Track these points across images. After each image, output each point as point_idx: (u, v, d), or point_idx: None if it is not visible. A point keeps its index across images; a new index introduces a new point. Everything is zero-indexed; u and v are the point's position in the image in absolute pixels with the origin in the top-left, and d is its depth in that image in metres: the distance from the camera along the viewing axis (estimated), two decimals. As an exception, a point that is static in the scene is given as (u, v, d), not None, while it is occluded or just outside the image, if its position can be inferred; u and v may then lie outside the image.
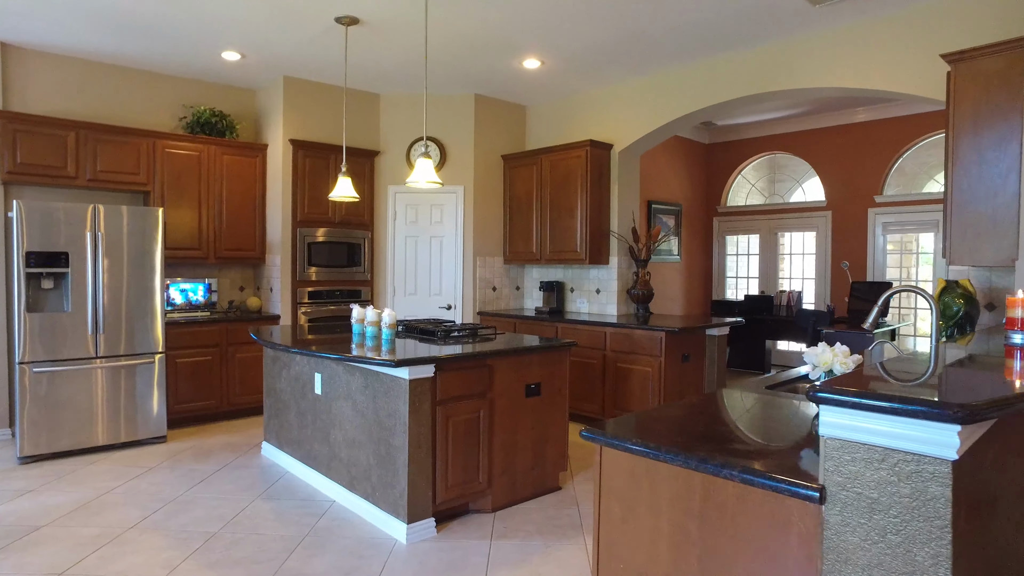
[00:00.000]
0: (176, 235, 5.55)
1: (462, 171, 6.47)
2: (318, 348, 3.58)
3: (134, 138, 5.32)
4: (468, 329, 4.23)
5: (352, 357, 3.25)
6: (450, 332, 4.13)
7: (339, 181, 4.55)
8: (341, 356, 3.31)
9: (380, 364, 3.10)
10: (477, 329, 4.28)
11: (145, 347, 4.88)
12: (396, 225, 6.53)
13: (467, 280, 6.47)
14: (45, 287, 4.55)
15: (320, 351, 3.45)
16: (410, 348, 3.58)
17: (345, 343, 3.80)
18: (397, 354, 3.31)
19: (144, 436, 4.89)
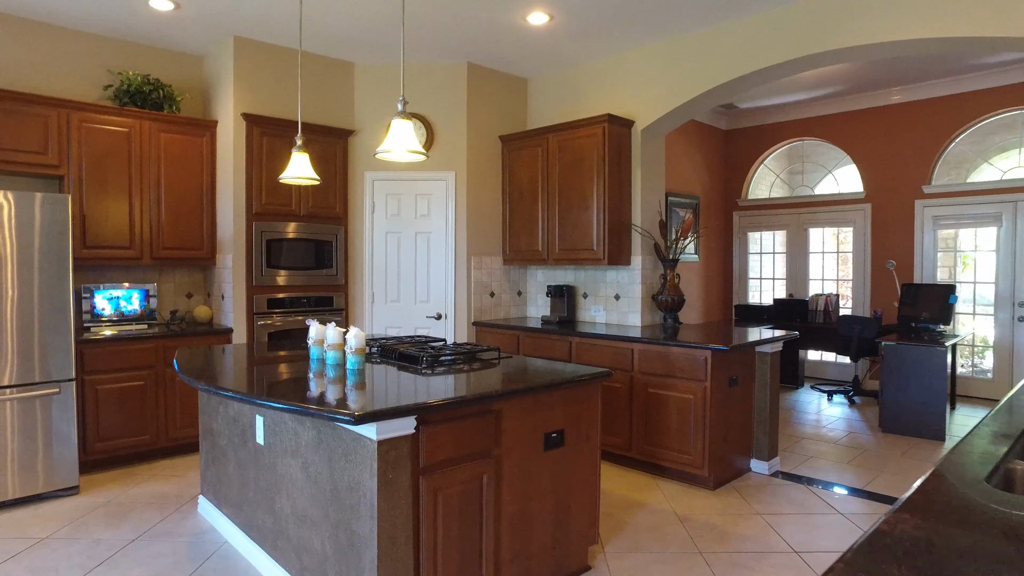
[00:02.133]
0: (100, 231, 4.47)
1: (453, 155, 5.42)
2: (245, 386, 2.52)
3: (40, 108, 4.23)
4: (464, 351, 3.20)
5: (290, 404, 2.20)
6: (439, 357, 3.09)
7: (292, 158, 3.49)
8: (273, 403, 2.25)
9: (333, 416, 2.06)
10: (475, 351, 3.24)
11: (48, 373, 3.80)
12: (375, 218, 5.47)
13: (460, 284, 5.44)
14: (-93, 298, 3.46)
15: (244, 392, 2.38)
16: (384, 384, 2.54)
17: (293, 377, 2.75)
18: (364, 396, 2.27)
19: (47, 488, 3.81)
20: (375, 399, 2.24)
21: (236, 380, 2.65)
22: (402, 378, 2.71)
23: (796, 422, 5.69)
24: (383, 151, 2.73)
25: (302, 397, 2.28)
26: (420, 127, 5.37)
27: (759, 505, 3.73)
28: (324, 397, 2.29)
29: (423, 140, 5.38)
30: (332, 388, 2.47)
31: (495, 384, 2.58)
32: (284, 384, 2.56)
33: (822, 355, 7.83)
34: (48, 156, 4.27)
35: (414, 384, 2.57)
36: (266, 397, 2.29)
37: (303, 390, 2.42)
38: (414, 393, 2.37)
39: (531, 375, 2.80)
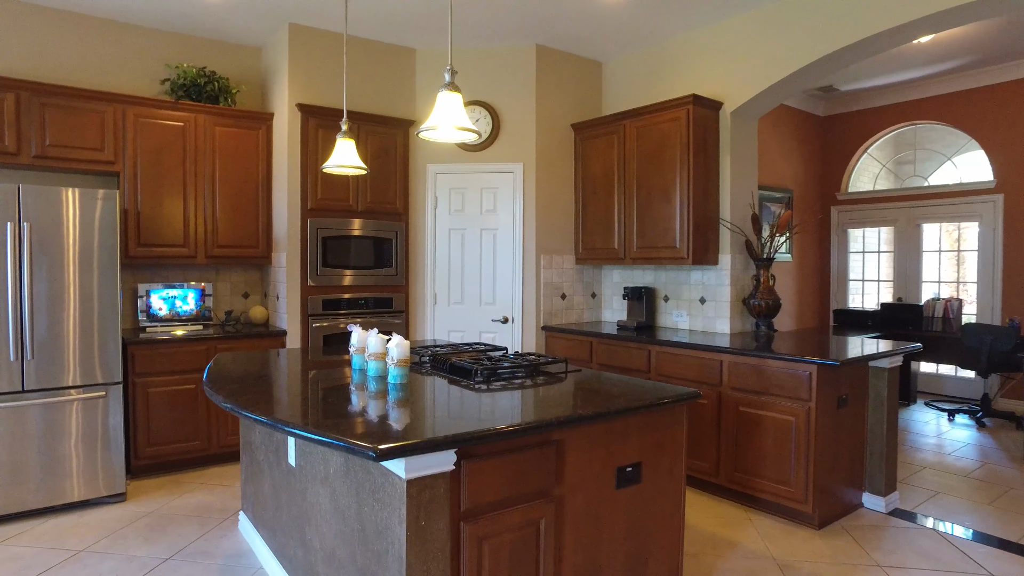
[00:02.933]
0: (155, 228, 4.33)
1: (520, 145, 5.00)
2: (263, 401, 2.17)
3: (96, 103, 4.12)
4: (526, 363, 2.76)
5: (302, 429, 1.83)
6: (496, 370, 2.67)
7: (337, 145, 3.16)
8: (286, 425, 1.88)
9: (351, 448, 1.67)
10: (539, 363, 2.80)
11: (96, 376, 3.65)
12: (437, 214, 5.13)
13: (528, 285, 5.01)
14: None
15: (255, 411, 2.02)
16: (427, 403, 2.14)
17: (327, 390, 2.39)
18: (399, 419, 1.88)
19: (94, 495, 3.66)
20: (411, 424, 1.84)
21: (258, 394, 2.32)
22: (451, 395, 2.31)
23: (913, 447, 4.91)
24: (427, 128, 2.33)
25: (323, 418, 1.91)
26: (485, 115, 4.98)
27: (879, 554, 3.10)
28: (349, 420, 1.90)
29: (488, 130, 4.99)
30: (365, 406, 2.09)
31: (558, 407, 2.13)
32: (313, 399, 2.20)
33: (938, 368, 6.90)
34: (104, 152, 4.16)
35: (462, 403, 2.16)
36: (281, 417, 1.93)
37: (331, 408, 2.05)
38: (460, 416, 1.95)
39: (603, 395, 2.33)
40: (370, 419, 1.93)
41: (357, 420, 1.91)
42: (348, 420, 1.91)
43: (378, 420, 1.92)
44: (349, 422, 1.88)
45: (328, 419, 1.92)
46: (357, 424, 1.86)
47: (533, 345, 5.01)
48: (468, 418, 1.94)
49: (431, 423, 1.87)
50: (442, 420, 1.91)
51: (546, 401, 2.23)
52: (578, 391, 2.41)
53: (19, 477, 3.46)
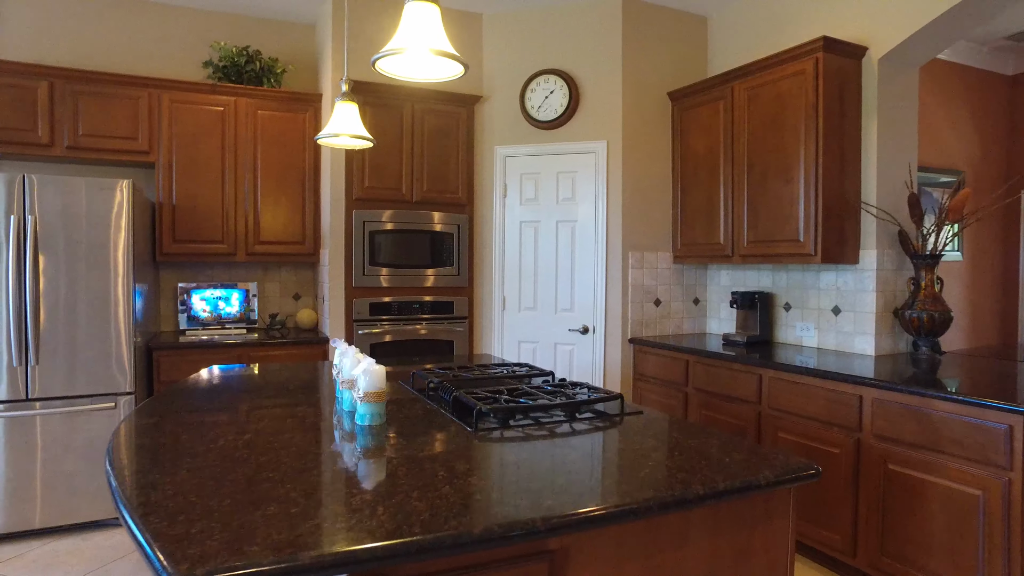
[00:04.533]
0: (190, 223, 3.96)
1: (604, 119, 4.14)
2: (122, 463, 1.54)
3: (130, 88, 3.80)
4: (566, 397, 1.95)
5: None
6: (512, 408, 1.88)
7: (335, 111, 2.51)
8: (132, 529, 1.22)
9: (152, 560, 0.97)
10: (585, 400, 1.97)
11: (105, 385, 3.29)
12: (507, 204, 4.40)
13: (613, 289, 4.14)
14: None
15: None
16: (380, 466, 1.40)
17: (255, 435, 1.73)
18: (274, 507, 1.16)
19: (104, 515, 3.30)
20: (287, 523, 1.11)
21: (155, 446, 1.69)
22: (428, 450, 1.56)
23: None
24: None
25: (145, 494, 1.23)
26: (560, 86, 4.17)
27: None
28: (165, 508, 1.21)
29: (563, 103, 4.17)
30: (257, 474, 1.39)
31: (569, 486, 1.31)
32: (197, 450, 1.54)
33: None
34: (138, 141, 3.83)
35: (433, 470, 1.40)
36: (131, 503, 1.27)
37: (200, 468, 1.37)
38: (403, 500, 1.20)
39: (653, 462, 1.47)
40: (232, 504, 1.22)
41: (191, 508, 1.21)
42: (164, 508, 1.21)
43: (249, 505, 1.21)
44: (163, 513, 1.18)
45: (146, 497, 1.23)
46: (181, 520, 1.16)
47: (618, 361, 4.13)
48: (408, 510, 1.18)
49: (329, 522, 1.13)
50: (360, 514, 1.16)
51: (566, 468, 1.41)
52: (624, 451, 1.56)
53: (24, 493, 3.15)
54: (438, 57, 1.58)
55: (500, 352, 4.42)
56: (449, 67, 1.63)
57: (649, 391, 4.01)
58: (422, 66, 1.64)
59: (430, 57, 1.60)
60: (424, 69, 1.66)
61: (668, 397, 3.85)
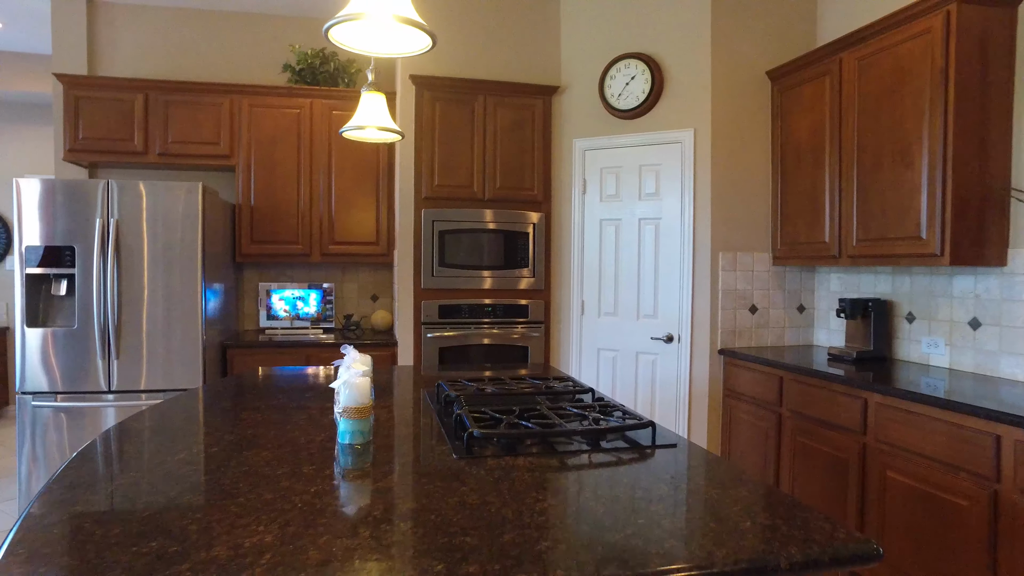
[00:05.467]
0: (268, 224, 4.04)
1: (691, 105, 3.71)
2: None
3: (213, 95, 3.94)
4: (587, 424, 1.65)
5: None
6: (517, 432, 1.61)
7: (360, 102, 2.36)
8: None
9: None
10: (611, 428, 1.65)
11: (175, 380, 3.40)
12: (586, 201, 4.09)
13: (701, 293, 3.70)
14: (56, 293, 3.34)
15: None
16: (291, 514, 1.21)
17: (222, 461, 1.59)
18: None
19: (175, 510, 3.41)
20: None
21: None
22: (384, 481, 1.34)
23: None
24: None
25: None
26: (642, 71, 3.79)
27: None
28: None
29: (645, 89, 3.79)
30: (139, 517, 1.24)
31: (508, 551, 1.03)
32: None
33: None
34: (220, 146, 3.97)
35: (368, 510, 1.18)
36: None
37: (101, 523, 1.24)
38: (296, 552, 0.99)
39: (645, 521, 1.15)
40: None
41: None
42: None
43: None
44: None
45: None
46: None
47: (706, 374, 3.68)
48: (294, 565, 0.97)
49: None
50: (238, 563, 0.96)
51: (522, 519, 1.13)
52: (620, 499, 1.25)
53: (105, 483, 3.32)
54: (403, 26, 1.35)
55: (578, 361, 4.12)
56: (415, 39, 1.40)
57: (740, 411, 3.53)
58: (384, 38, 1.42)
59: (394, 27, 1.37)
60: (386, 42, 1.44)
61: (760, 419, 3.36)
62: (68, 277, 3.31)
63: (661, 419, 3.84)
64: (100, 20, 4.10)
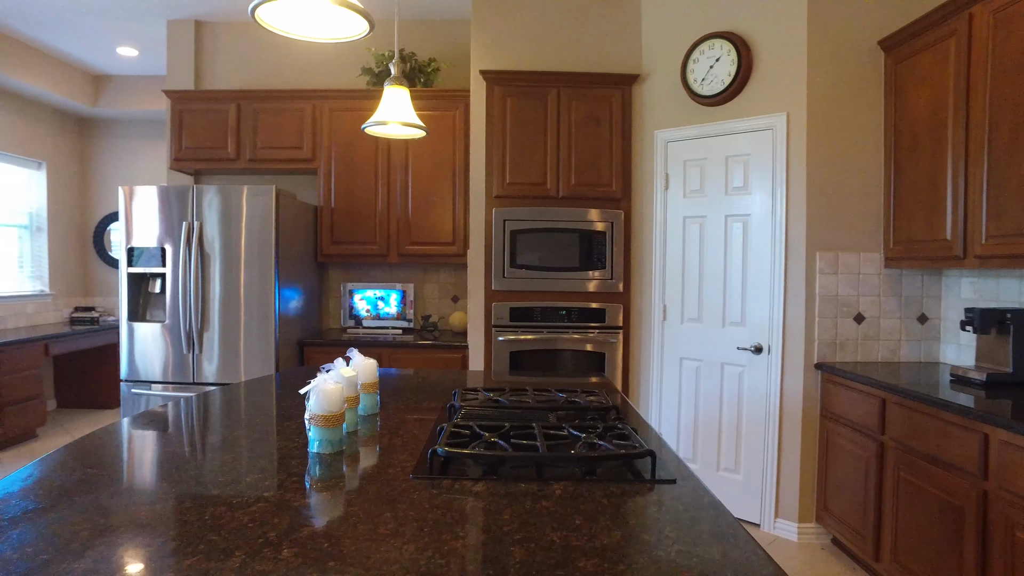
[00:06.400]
0: (347, 225, 4.13)
1: (783, 86, 3.28)
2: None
3: (296, 102, 4.10)
4: (584, 448, 1.45)
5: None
6: (498, 453, 1.44)
7: (384, 96, 2.28)
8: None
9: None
10: (608, 454, 1.44)
11: (254, 374, 3.56)
12: (668, 197, 3.77)
13: (794, 299, 3.26)
14: (152, 291, 3.63)
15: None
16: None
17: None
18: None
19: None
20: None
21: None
22: (297, 507, 1.23)
23: None
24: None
25: None
26: (728, 52, 3.41)
27: None
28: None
29: (732, 71, 3.40)
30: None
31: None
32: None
33: None
34: (303, 150, 4.12)
35: (262, 531, 1.08)
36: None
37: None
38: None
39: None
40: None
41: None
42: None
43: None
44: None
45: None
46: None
47: (799, 391, 3.24)
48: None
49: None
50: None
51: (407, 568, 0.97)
52: (568, 556, 1.04)
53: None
54: (338, 8, 1.23)
55: (659, 371, 3.81)
56: (351, 23, 1.28)
57: (839, 436, 3.06)
58: (318, 22, 1.31)
59: (328, 10, 1.26)
60: (321, 26, 1.32)
61: (859, 447, 2.88)
62: (161, 276, 3.58)
63: (748, 439, 3.44)
64: (206, 39, 4.42)
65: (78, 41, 4.72)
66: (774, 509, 3.33)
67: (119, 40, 4.72)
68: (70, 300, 5.69)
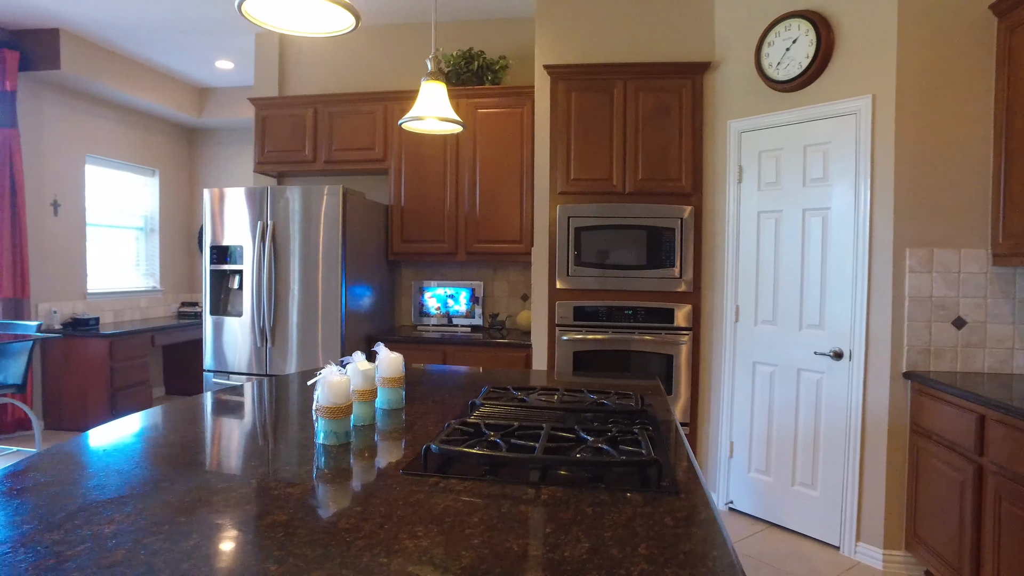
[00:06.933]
0: (417, 224, 4.20)
1: (869, 65, 2.98)
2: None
3: (368, 104, 4.22)
4: (589, 453, 1.38)
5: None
6: (483, 457, 1.39)
7: (421, 89, 2.27)
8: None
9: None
10: (607, 462, 1.35)
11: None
12: (742, 191, 3.54)
13: (879, 299, 2.95)
14: (231, 286, 3.86)
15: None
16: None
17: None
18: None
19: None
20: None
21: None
22: (281, 496, 1.24)
23: None
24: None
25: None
26: (807, 32, 3.14)
27: None
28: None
29: (810, 53, 3.13)
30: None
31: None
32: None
33: None
34: (375, 151, 4.23)
35: (188, 532, 1.10)
36: None
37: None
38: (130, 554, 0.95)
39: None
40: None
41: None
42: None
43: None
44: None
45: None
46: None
47: (885, 403, 2.93)
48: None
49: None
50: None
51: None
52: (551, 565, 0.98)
53: (265, 456, 3.75)
54: (325, 4, 1.23)
55: (730, 375, 3.58)
56: (340, 18, 1.27)
57: (930, 454, 2.73)
58: (306, 16, 1.30)
59: (316, 5, 1.26)
60: (309, 20, 1.32)
61: (953, 468, 2.55)
62: (239, 272, 3.79)
63: (826, 453, 3.15)
64: (289, 48, 4.65)
65: (182, 57, 5.13)
66: (855, 532, 3.03)
67: (217, 55, 5.07)
68: (178, 296, 6.20)
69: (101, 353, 4.67)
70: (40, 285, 4.84)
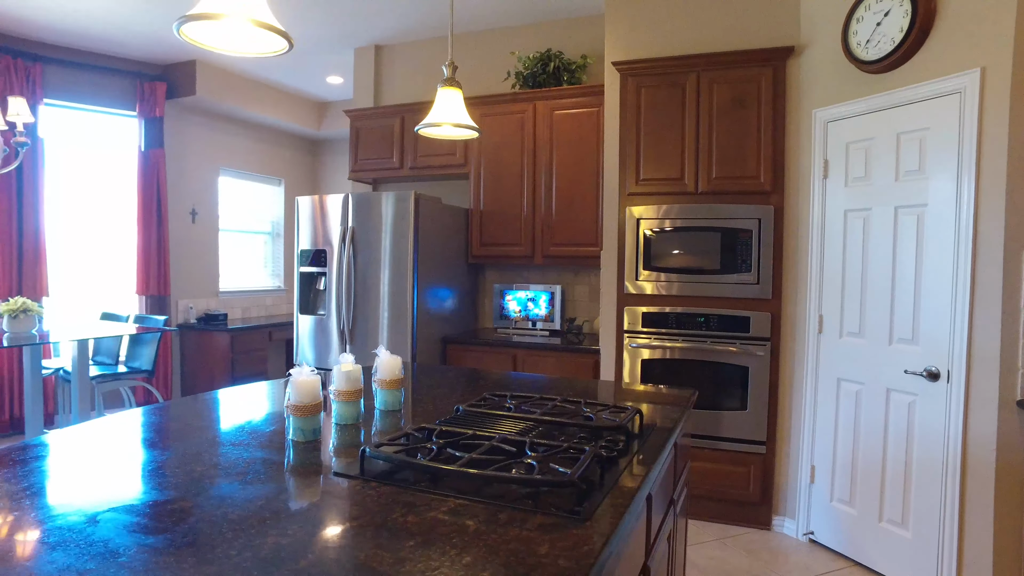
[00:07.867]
0: (495, 227, 4.24)
1: (976, 34, 2.54)
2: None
3: (450, 110, 4.32)
4: (521, 469, 1.34)
5: None
6: (428, 470, 1.38)
7: (437, 96, 2.28)
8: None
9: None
10: (527, 479, 1.30)
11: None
12: (827, 188, 3.18)
13: (985, 310, 2.51)
14: (317, 288, 4.14)
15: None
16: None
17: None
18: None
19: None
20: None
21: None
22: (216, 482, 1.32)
23: None
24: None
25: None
26: (900, 3, 2.75)
27: None
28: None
29: (904, 26, 2.73)
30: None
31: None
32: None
33: None
34: (456, 156, 4.33)
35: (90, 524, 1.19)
36: None
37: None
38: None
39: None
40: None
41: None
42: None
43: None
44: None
45: None
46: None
47: (992, 434, 2.48)
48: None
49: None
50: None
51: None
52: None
53: (344, 447, 3.98)
54: (259, 29, 1.30)
55: (812, 391, 3.23)
56: (273, 41, 1.32)
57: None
58: (244, 39, 1.37)
59: (252, 29, 1.32)
60: (246, 42, 1.38)
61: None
62: (324, 275, 4.06)
63: (920, 488, 2.73)
64: (383, 61, 4.91)
65: (298, 75, 5.60)
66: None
67: (328, 71, 5.47)
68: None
69: (224, 345, 5.23)
70: (179, 284, 5.52)
